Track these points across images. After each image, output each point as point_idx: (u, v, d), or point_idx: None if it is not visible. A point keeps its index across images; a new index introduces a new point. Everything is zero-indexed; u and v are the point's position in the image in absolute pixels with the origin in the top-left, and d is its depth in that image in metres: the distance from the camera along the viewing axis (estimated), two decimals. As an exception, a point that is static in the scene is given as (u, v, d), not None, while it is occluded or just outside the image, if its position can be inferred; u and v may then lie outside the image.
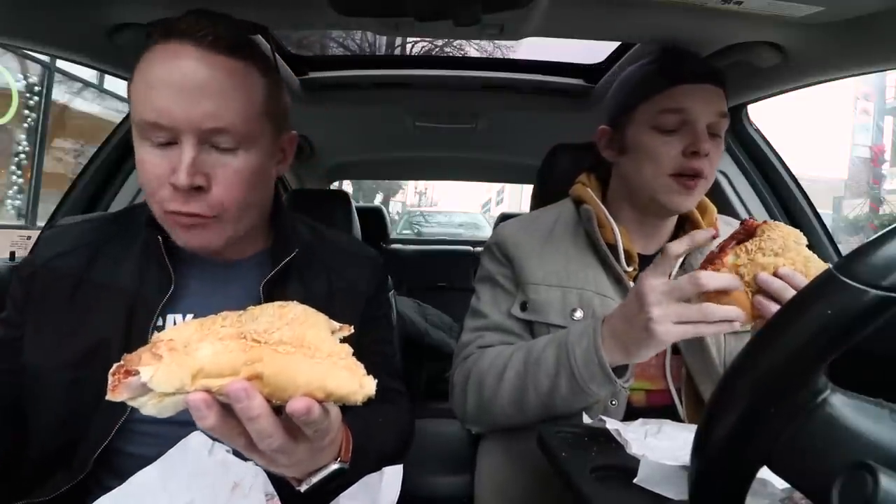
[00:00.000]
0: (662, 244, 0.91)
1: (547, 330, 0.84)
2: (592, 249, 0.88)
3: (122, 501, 0.55)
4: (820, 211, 1.35)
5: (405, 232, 6.05)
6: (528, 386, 0.76)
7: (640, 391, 0.84)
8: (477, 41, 4.17)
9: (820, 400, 0.34)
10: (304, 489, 0.51)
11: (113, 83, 5.53)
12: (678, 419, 0.79)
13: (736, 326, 0.64)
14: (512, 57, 1.83)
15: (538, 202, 1.14)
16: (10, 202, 5.03)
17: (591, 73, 1.46)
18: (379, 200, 14.61)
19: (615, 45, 1.30)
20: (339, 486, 0.54)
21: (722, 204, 1.26)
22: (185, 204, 0.62)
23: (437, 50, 5.45)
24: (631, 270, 0.86)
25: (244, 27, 0.69)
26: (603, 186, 0.95)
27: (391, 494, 0.56)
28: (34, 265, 0.70)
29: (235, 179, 0.64)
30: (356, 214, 1.59)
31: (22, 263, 0.74)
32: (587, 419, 0.73)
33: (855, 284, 0.32)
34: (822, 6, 0.77)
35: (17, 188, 5.05)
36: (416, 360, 2.00)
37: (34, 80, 5.04)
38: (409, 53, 5.43)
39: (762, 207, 1.38)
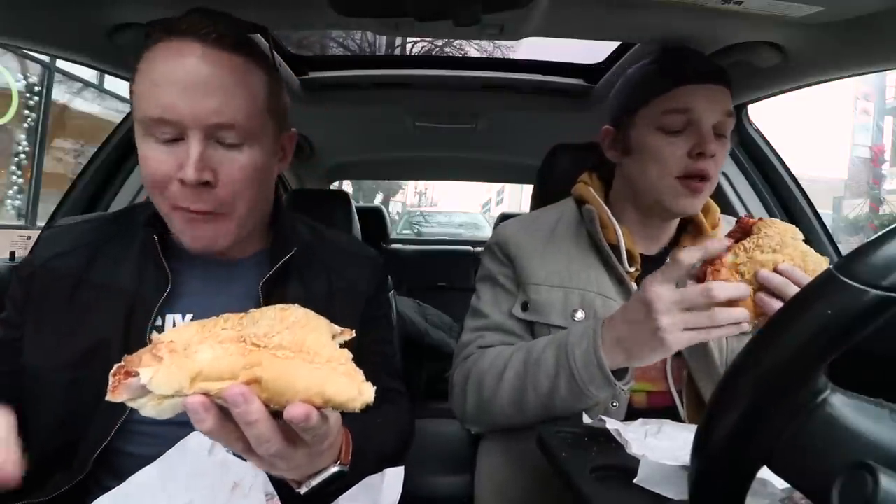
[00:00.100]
0: (665, 245, 0.91)
1: (548, 331, 0.83)
2: (594, 250, 0.88)
3: (121, 501, 0.55)
4: (820, 211, 1.35)
5: (405, 232, 6.05)
6: (527, 387, 0.76)
7: (641, 392, 0.84)
8: (477, 41, 4.17)
9: (820, 400, 0.34)
10: (303, 492, 0.51)
11: (113, 83, 5.53)
12: (679, 420, 0.79)
13: (745, 328, 0.64)
14: (512, 57, 1.83)
15: (538, 202, 1.14)
16: (10, 202, 5.03)
17: (591, 73, 1.46)
18: (379, 200, 14.61)
19: (615, 45, 1.30)
20: (338, 488, 0.54)
21: (722, 204, 1.25)
22: (194, 201, 0.62)
23: (437, 50, 5.46)
24: (633, 271, 0.85)
25: (244, 26, 0.69)
26: (605, 186, 0.95)
27: (392, 495, 0.55)
28: (33, 265, 0.71)
29: (242, 175, 0.64)
30: (356, 214, 1.59)
31: (21, 264, 0.74)
32: (587, 419, 0.73)
33: (855, 284, 0.32)
34: (822, 6, 0.77)
35: (17, 188, 5.05)
36: (416, 360, 2.00)
37: (34, 80, 5.04)
38: (409, 53, 5.44)
39: (762, 207, 1.38)
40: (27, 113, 5.01)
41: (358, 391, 0.42)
